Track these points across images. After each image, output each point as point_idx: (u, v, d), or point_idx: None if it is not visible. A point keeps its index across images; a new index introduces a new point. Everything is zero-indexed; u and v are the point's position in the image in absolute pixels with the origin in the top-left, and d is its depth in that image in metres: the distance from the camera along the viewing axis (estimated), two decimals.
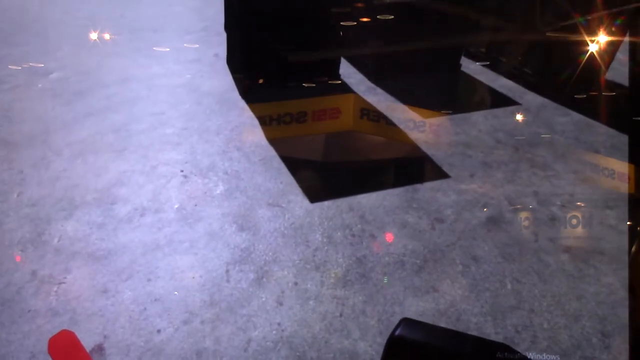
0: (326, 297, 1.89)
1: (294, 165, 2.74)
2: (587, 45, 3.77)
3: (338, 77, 3.97)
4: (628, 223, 0.78)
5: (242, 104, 3.46)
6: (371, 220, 2.35)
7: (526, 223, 2.44)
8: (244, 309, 1.81)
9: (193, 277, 1.93)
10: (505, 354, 0.53)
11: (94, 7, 5.73)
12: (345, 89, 3.31)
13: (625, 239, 2.36)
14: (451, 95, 4.02)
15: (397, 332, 0.54)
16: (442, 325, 1.83)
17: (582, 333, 1.84)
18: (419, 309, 1.88)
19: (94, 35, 4.63)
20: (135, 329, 1.70)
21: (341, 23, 3.61)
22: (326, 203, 2.44)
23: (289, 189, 2.53)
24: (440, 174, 2.79)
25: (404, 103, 3.66)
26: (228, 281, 1.92)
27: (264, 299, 1.86)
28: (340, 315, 1.82)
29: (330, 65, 3.85)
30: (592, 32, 3.67)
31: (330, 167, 2.76)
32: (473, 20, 4.19)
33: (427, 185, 2.68)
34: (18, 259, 1.92)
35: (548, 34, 3.85)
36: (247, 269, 1.99)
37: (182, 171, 2.61)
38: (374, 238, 2.24)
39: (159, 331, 1.69)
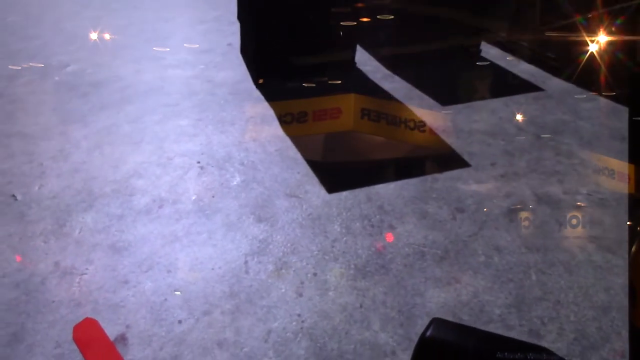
0: (346, 289, 1.88)
1: (310, 153, 2.72)
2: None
3: (354, 65, 3.91)
4: (628, 223, 0.76)
5: (257, 93, 3.44)
6: (390, 210, 2.33)
7: (550, 213, 2.37)
8: (263, 300, 1.81)
9: (212, 269, 1.94)
10: (544, 355, 0.51)
11: None
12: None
13: None
14: (470, 82, 3.92)
15: (428, 333, 0.52)
16: (465, 317, 1.80)
17: (611, 326, 1.79)
18: (440, 300, 1.86)
19: (107, 27, 4.65)
20: (156, 319, 1.72)
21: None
22: (344, 194, 2.42)
23: (306, 179, 2.51)
24: (460, 163, 2.74)
25: (422, 91, 3.60)
26: (247, 272, 1.93)
27: (283, 290, 1.86)
28: (361, 306, 1.81)
29: (344, 54, 3.79)
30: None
31: (347, 159, 2.73)
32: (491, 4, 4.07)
33: (447, 174, 2.63)
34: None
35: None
36: (266, 260, 1.99)
37: (198, 162, 2.62)
38: (393, 228, 2.21)
39: (180, 322, 1.71)
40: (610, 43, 4.02)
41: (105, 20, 4.88)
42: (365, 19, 3.73)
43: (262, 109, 3.25)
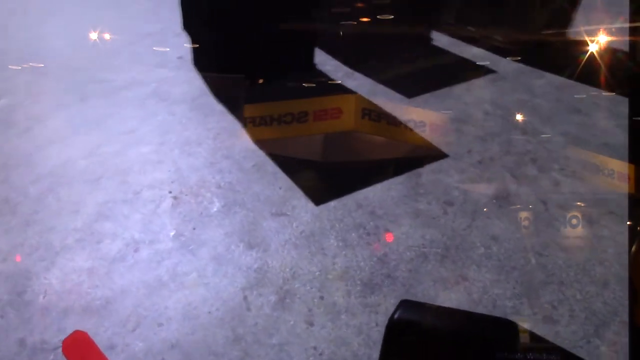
0: (357, 308, 1.72)
1: (290, 167, 2.51)
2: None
3: (313, 67, 3.72)
4: (628, 223, 0.67)
5: (220, 107, 3.16)
6: (382, 214, 2.18)
7: (532, 193, 2.34)
8: (272, 337, 1.60)
9: (209, 312, 1.70)
10: (509, 329, 0.49)
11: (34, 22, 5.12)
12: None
13: (624, 192, 2.32)
14: (429, 71, 3.86)
15: (396, 315, 0.50)
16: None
17: (614, 298, 1.77)
18: (453, 302, 1.75)
19: (41, 50, 4.11)
20: None
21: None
22: (332, 204, 2.25)
23: (290, 194, 2.30)
24: (438, 154, 2.65)
25: (385, 85, 3.48)
26: (249, 309, 1.71)
27: (292, 322, 1.66)
28: (376, 324, 1.66)
29: (303, 55, 3.59)
30: None
31: (328, 166, 2.55)
32: None
33: (428, 168, 2.54)
34: None
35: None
36: (267, 292, 1.77)
37: (170, 192, 2.32)
38: (389, 232, 2.07)
39: None
40: (556, 23, 4.13)
41: (37, 43, 4.32)
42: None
43: (228, 123, 2.98)
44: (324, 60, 3.77)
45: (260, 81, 3.22)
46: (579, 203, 2.26)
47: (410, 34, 4.04)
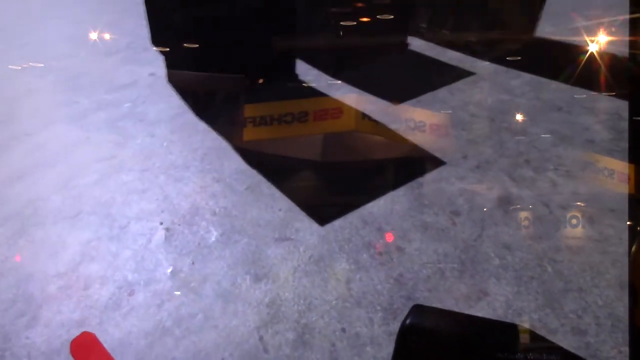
0: (382, 337, 1.59)
1: (286, 186, 2.36)
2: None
3: (295, 76, 3.58)
4: (628, 223, 0.62)
5: (202, 125, 2.96)
6: (390, 230, 2.07)
7: (533, 196, 2.31)
8: None
9: (223, 359, 1.51)
10: (517, 333, 0.49)
11: None
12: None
13: (624, 188, 2.33)
14: (410, 77, 3.81)
15: (408, 320, 0.50)
16: None
17: (634, 302, 1.74)
18: None
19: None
20: None
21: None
22: (337, 223, 2.11)
23: (291, 215, 2.15)
24: (436, 162, 2.58)
25: (370, 93, 3.39)
26: (266, 351, 1.54)
27: None
28: None
29: (285, 64, 3.45)
30: None
31: (328, 166, 2.42)
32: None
33: (428, 177, 2.46)
34: None
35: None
36: (283, 329, 1.61)
37: (161, 223, 2.11)
38: (401, 250, 1.96)
39: None
40: (524, 25, 4.20)
41: None
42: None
43: (214, 140, 2.79)
44: (305, 71, 3.63)
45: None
46: (579, 203, 2.24)
47: (387, 40, 4.00)
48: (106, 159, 2.60)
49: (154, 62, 3.70)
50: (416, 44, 4.34)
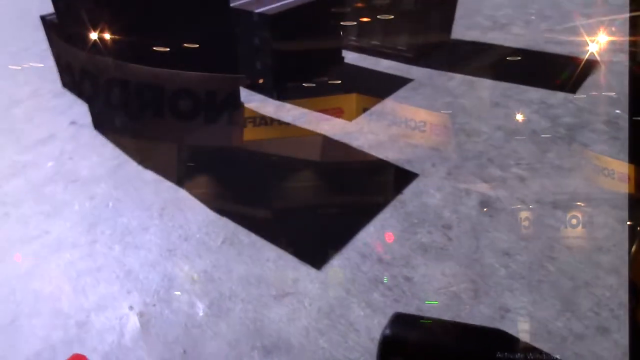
0: None
1: (266, 231, 2.09)
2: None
3: (240, 104, 3.29)
4: (628, 223, 0.62)
5: (149, 175, 2.54)
6: (391, 260, 1.92)
7: (507, 194, 2.34)
8: None
9: None
10: (500, 339, 0.48)
11: None
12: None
13: (585, 174, 2.47)
14: (355, 90, 3.74)
15: (388, 330, 0.50)
16: (547, 346, 1.55)
17: None
18: None
19: None
20: None
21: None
22: (335, 262, 1.91)
23: (283, 264, 1.90)
24: (408, 175, 2.50)
25: (320, 111, 3.24)
26: None
27: None
28: None
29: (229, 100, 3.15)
30: None
31: (308, 212, 2.20)
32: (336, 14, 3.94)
33: (407, 192, 2.37)
34: None
35: None
36: None
37: (131, 308, 1.71)
38: (410, 280, 1.82)
39: None
40: (442, 28, 4.38)
41: None
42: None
43: (170, 191, 2.41)
44: (245, 96, 3.35)
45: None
46: (556, 196, 2.30)
47: (321, 54, 3.89)
48: (37, 237, 2.08)
49: (73, 109, 3.15)
50: (350, 56, 4.31)
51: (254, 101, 3.41)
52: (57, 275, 1.87)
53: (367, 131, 2.96)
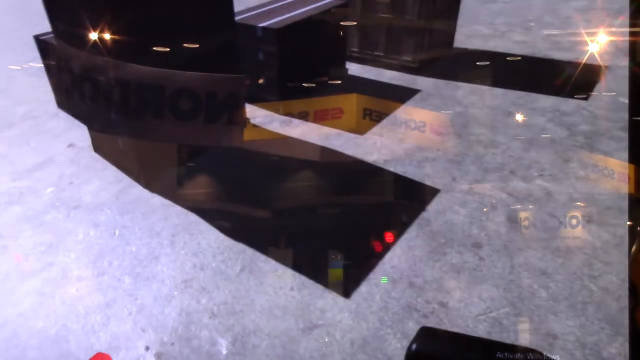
0: None
1: (286, 253, 1.97)
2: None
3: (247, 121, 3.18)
4: (628, 223, 0.55)
5: (157, 200, 2.41)
6: (423, 284, 1.81)
7: (536, 208, 2.25)
8: None
9: None
10: (529, 355, 0.48)
11: None
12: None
13: (614, 184, 2.39)
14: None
15: (415, 345, 0.49)
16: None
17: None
18: None
19: None
20: None
21: None
22: (363, 289, 1.78)
23: (308, 293, 1.77)
24: (429, 191, 2.41)
25: (329, 125, 3.14)
26: None
27: None
28: None
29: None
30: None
31: (328, 239, 2.07)
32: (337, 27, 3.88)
33: (430, 209, 2.26)
34: None
35: None
36: None
37: (147, 349, 1.57)
38: (445, 306, 1.70)
39: None
40: (445, 39, 4.34)
41: None
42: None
43: (180, 216, 2.27)
44: (250, 111, 3.25)
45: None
46: (586, 209, 2.21)
47: (326, 66, 3.82)
48: (39, 271, 1.93)
49: (71, 131, 3.02)
50: (353, 68, 4.25)
51: (258, 117, 3.31)
52: (63, 312, 1.72)
53: (380, 145, 2.86)
